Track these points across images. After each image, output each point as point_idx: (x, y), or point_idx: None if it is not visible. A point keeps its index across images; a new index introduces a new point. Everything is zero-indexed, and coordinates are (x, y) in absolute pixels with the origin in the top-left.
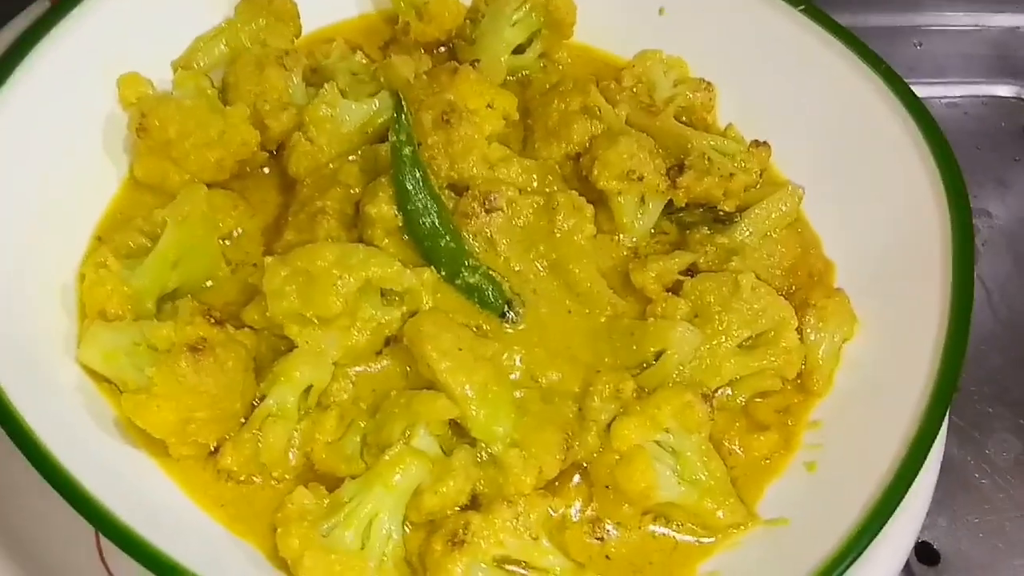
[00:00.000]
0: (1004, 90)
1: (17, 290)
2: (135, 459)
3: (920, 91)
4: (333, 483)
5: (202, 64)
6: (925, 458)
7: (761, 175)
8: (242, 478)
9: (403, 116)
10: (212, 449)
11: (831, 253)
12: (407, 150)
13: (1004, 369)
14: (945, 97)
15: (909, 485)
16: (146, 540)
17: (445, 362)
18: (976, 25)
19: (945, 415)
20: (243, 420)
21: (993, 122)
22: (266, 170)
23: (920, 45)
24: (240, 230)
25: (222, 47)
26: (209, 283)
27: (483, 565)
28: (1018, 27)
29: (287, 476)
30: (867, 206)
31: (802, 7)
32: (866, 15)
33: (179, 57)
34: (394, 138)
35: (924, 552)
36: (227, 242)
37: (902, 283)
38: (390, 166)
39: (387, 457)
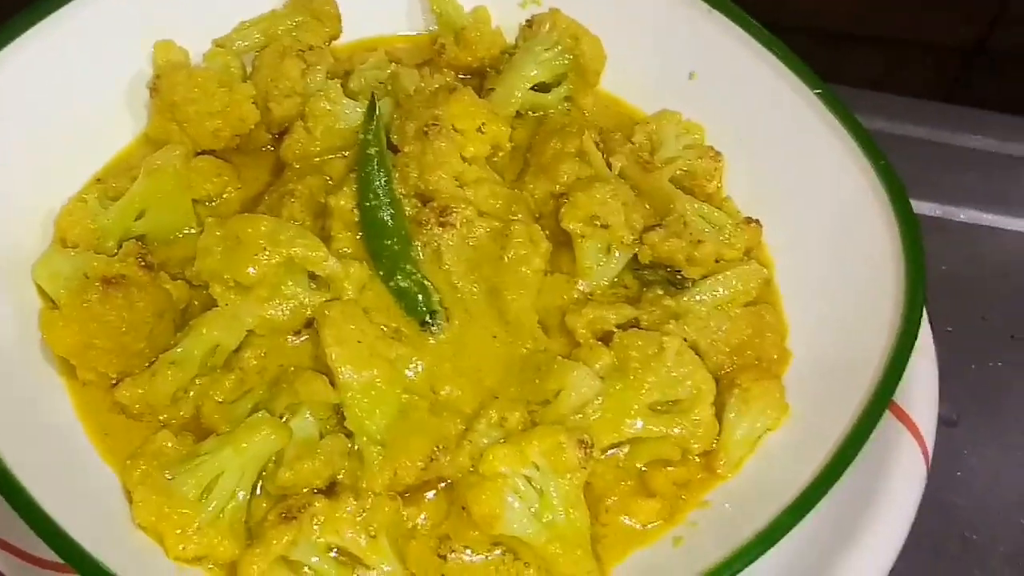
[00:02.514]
0: None
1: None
2: (43, 373)
3: None
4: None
5: (237, 46)
6: (758, 554)
7: (748, 253)
8: (133, 413)
9: (375, 117)
10: (115, 382)
11: (794, 344)
12: (373, 149)
13: None
14: None
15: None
16: None
17: (337, 348)
18: None
19: (800, 518)
20: (152, 361)
21: None
22: (271, 148)
23: None
24: (224, 197)
25: (258, 34)
26: (179, 236)
27: (311, 547)
28: None
29: (173, 422)
30: (841, 308)
31: (818, 91)
32: (999, 141)
33: (221, 36)
34: (363, 136)
35: None
36: (209, 204)
37: (843, 392)
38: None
39: (246, 421)
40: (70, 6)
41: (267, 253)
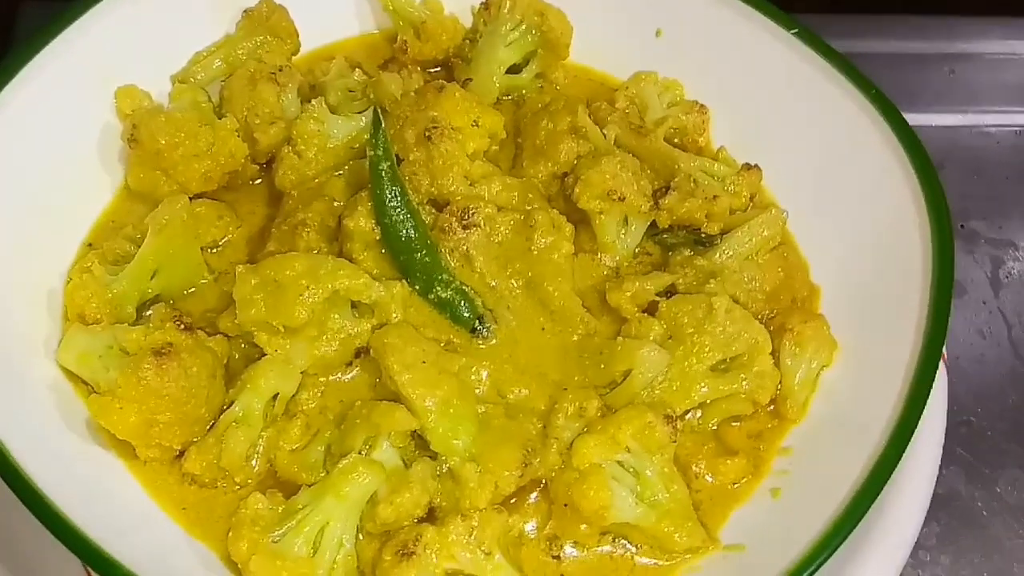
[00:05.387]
0: None
1: (2, 291)
2: (102, 460)
3: (950, 119)
4: (294, 491)
5: (199, 78)
6: (879, 491)
7: (752, 199)
8: (205, 482)
9: (380, 132)
10: (178, 452)
11: (818, 278)
12: (384, 165)
13: (1021, 406)
14: (976, 126)
15: (861, 516)
16: (81, 532)
17: (406, 374)
18: (1012, 53)
19: (906, 447)
20: (211, 425)
21: None
22: (257, 182)
23: (953, 72)
24: (226, 240)
25: (219, 62)
26: (192, 290)
27: None
28: None
29: (249, 482)
30: (855, 232)
31: (795, 30)
32: (899, 41)
33: (179, 71)
34: (371, 153)
35: None
36: (213, 251)
37: (884, 312)
38: (368, 181)
39: (340, 467)
40: (20, 77)
41: (312, 291)
